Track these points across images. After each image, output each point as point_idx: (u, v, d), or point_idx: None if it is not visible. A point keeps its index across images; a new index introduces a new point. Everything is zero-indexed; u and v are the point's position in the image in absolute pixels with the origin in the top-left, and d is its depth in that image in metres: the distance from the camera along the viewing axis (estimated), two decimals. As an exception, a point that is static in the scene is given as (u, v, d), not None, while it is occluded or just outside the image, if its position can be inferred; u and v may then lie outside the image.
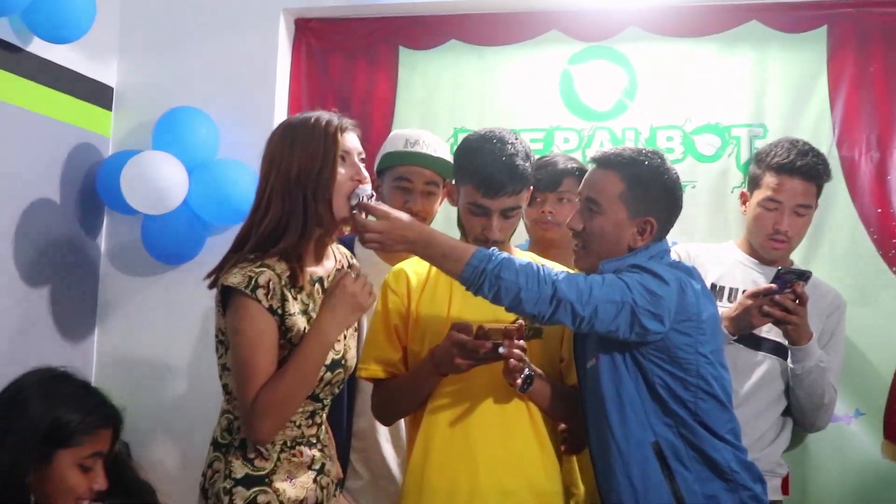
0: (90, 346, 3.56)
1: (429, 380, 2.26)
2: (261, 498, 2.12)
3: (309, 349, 2.08)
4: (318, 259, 2.22)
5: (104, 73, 3.60)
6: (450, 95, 3.53)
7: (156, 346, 3.52)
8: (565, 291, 2.03)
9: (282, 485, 2.15)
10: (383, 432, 2.69)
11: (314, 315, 2.15)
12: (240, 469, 2.13)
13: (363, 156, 2.22)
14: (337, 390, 2.28)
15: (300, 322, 2.13)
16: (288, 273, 2.12)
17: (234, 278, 2.07)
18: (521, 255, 2.37)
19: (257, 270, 2.08)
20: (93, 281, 3.58)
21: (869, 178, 3.20)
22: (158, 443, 3.47)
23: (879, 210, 3.18)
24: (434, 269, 2.36)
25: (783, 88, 3.30)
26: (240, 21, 3.59)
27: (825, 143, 3.16)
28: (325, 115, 2.18)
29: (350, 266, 2.23)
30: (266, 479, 2.14)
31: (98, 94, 3.56)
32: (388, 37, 3.58)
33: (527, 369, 2.16)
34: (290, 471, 2.18)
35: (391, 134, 2.93)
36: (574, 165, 2.89)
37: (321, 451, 2.26)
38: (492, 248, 2.13)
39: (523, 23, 3.48)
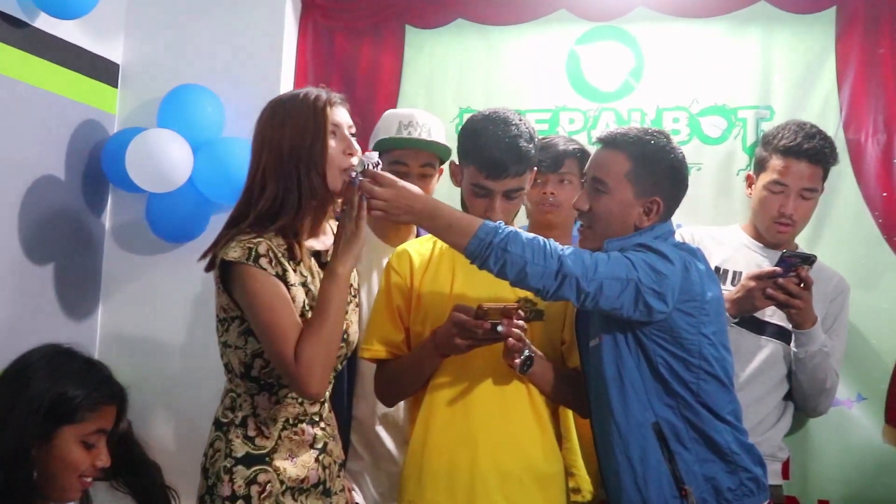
0: (93, 323, 3.57)
1: (430, 361, 2.26)
2: (261, 477, 2.13)
3: (329, 292, 2.08)
4: (315, 234, 2.23)
5: (110, 49, 3.59)
6: (455, 75, 3.51)
7: (159, 324, 3.53)
8: (571, 267, 2.03)
9: (282, 463, 2.16)
10: (381, 414, 2.69)
11: (312, 288, 2.16)
12: (240, 448, 2.14)
13: (353, 129, 2.22)
14: (339, 366, 2.29)
15: (299, 294, 2.14)
16: (285, 246, 2.13)
17: (234, 252, 2.08)
18: None
19: (255, 241, 2.09)
20: (97, 258, 3.58)
21: (875, 162, 3.18)
22: (161, 421, 3.48)
23: (885, 194, 3.16)
24: (437, 249, 2.37)
25: (790, 70, 3.28)
26: (247, -2, 3.58)
27: (832, 125, 3.14)
28: (312, 91, 2.19)
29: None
30: (266, 458, 2.15)
31: (104, 71, 3.56)
32: (395, 16, 3.56)
33: (526, 350, 2.16)
34: (292, 449, 2.19)
35: (385, 114, 2.89)
36: (575, 147, 2.88)
37: (323, 429, 2.27)
38: (497, 221, 2.12)
39: (530, 2, 3.46)
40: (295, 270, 2.14)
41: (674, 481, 2.11)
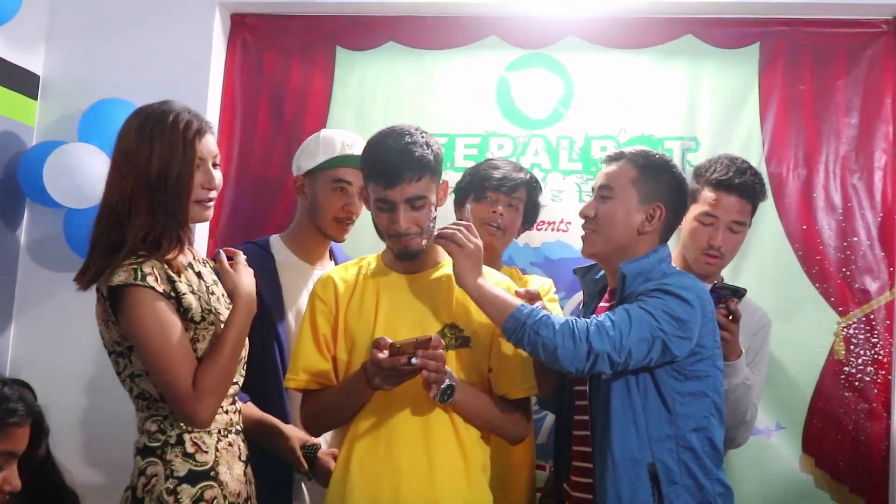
0: (5, 342, 3.45)
1: (362, 394, 2.22)
2: (207, 493, 2.10)
3: (238, 323, 2.14)
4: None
5: (30, 60, 3.50)
6: (385, 98, 3.50)
7: (74, 344, 3.40)
8: (599, 345, 2.09)
9: (225, 477, 2.14)
10: None
11: (202, 294, 2.17)
12: (182, 466, 2.10)
13: (217, 159, 2.22)
14: (243, 370, 2.27)
15: (193, 300, 2.13)
16: (164, 265, 2.12)
17: (119, 277, 2.05)
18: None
19: (138, 261, 2.07)
20: (10, 274, 3.46)
21: (796, 195, 3.27)
22: (75, 445, 3.37)
23: (805, 227, 3.24)
24: (362, 275, 2.34)
25: (716, 103, 3.35)
26: (174, 13, 3.52)
27: (755, 158, 3.21)
28: (184, 115, 2.15)
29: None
30: (211, 473, 2.12)
31: (23, 82, 3.46)
32: (326, 36, 3.54)
33: (447, 380, 2.14)
34: (229, 462, 2.17)
35: (322, 135, 2.86)
36: (529, 176, 2.89)
37: (244, 441, 2.26)
38: (533, 305, 2.17)
39: (462, 27, 3.47)
40: (180, 280, 2.13)
41: None
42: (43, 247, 3.49)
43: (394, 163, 2.19)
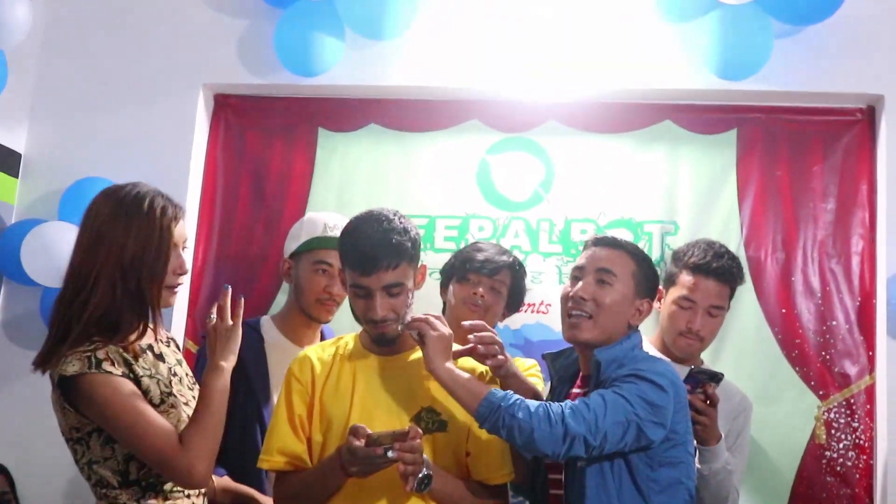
0: (-23, 420, 3.38)
1: (336, 479, 2.17)
2: None
3: (212, 384, 2.09)
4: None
5: (12, 138, 3.51)
6: (367, 179, 3.52)
7: (52, 424, 3.27)
8: (575, 428, 2.07)
9: None
10: None
11: (161, 378, 2.13)
12: None
13: (187, 244, 2.22)
14: None
15: (152, 385, 2.09)
16: (121, 348, 2.09)
17: (73, 367, 2.01)
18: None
19: (91, 348, 2.04)
20: (-16, 352, 3.42)
21: (774, 279, 3.28)
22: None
23: (784, 310, 3.25)
24: (339, 355, 2.32)
25: (694, 187, 3.39)
26: (158, 94, 3.55)
27: (734, 242, 3.24)
28: (158, 201, 2.15)
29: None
30: None
31: (5, 160, 3.46)
32: (308, 117, 3.57)
33: (424, 469, 2.09)
34: None
35: (306, 218, 2.89)
36: (513, 259, 2.89)
37: None
38: (505, 391, 2.14)
39: (443, 110, 3.52)
40: (138, 364, 2.10)
41: None
42: (19, 325, 3.45)
43: (370, 251, 2.18)
